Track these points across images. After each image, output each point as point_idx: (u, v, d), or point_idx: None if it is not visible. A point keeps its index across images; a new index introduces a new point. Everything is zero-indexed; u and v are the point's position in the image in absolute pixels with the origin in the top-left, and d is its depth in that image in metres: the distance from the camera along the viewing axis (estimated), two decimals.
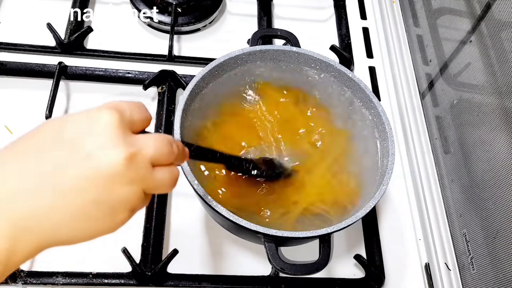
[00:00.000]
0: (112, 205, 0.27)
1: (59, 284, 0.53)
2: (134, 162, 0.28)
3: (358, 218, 0.48)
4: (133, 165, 0.28)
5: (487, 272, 0.55)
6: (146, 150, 0.29)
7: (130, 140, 0.28)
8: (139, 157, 0.28)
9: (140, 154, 0.28)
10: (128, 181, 0.28)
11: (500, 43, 0.55)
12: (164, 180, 0.31)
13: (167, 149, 0.31)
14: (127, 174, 0.27)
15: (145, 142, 0.29)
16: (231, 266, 0.58)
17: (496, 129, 0.55)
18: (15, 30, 0.72)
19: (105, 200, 0.27)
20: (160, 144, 0.30)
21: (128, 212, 0.29)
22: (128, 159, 0.27)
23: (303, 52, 0.59)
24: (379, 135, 0.56)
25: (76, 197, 0.26)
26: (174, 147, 0.32)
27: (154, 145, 0.30)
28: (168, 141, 0.31)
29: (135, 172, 0.28)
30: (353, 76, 0.58)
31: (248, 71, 0.59)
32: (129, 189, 0.28)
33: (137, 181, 0.28)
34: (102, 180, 0.27)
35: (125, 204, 0.28)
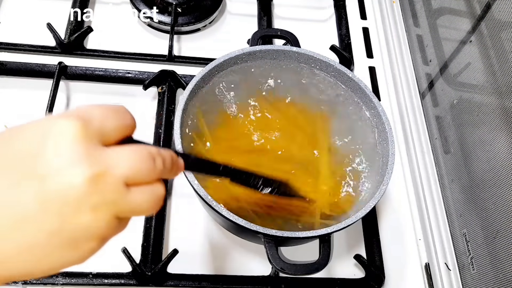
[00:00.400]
0: (72, 235, 0.23)
1: (59, 284, 0.53)
2: (99, 184, 0.23)
3: (358, 218, 0.48)
4: (98, 188, 0.23)
5: (487, 272, 0.55)
6: (117, 168, 0.24)
7: (97, 157, 0.23)
8: (106, 178, 0.23)
9: (108, 174, 0.23)
10: (93, 207, 0.23)
11: (500, 43, 0.55)
12: (142, 202, 0.25)
13: (147, 166, 0.25)
14: (90, 198, 0.23)
15: (117, 158, 0.24)
16: (231, 266, 0.58)
17: (496, 129, 0.55)
18: (15, 30, 0.72)
19: (63, 231, 0.23)
20: (137, 160, 0.25)
21: (96, 241, 0.24)
22: (90, 180, 0.22)
23: (303, 52, 0.59)
24: (379, 135, 0.56)
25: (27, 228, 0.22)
26: (158, 162, 0.26)
27: (129, 161, 0.24)
28: (150, 155, 0.26)
29: (101, 196, 0.23)
30: (353, 76, 0.58)
31: (248, 71, 0.59)
32: (94, 216, 0.23)
33: (104, 206, 0.23)
34: (58, 207, 0.22)
35: (90, 233, 0.23)
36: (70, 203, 0.22)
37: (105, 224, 0.24)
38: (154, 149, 0.27)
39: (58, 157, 0.22)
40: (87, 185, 0.22)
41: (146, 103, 0.69)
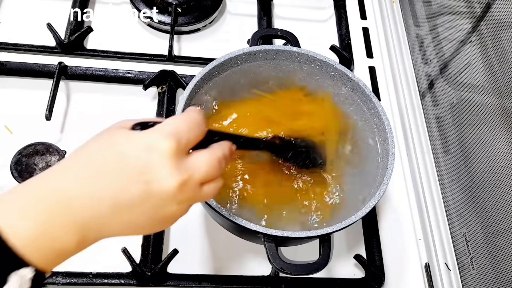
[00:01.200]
0: (161, 220, 0.33)
1: (59, 284, 0.53)
2: (185, 187, 0.32)
3: (358, 218, 0.48)
4: (184, 190, 0.32)
5: (487, 272, 0.55)
6: (197, 174, 0.33)
7: (184, 166, 0.32)
8: (189, 182, 0.32)
9: (191, 180, 0.32)
10: (178, 202, 0.32)
11: (500, 43, 0.55)
12: (209, 194, 0.35)
13: (217, 169, 0.34)
14: (178, 197, 0.32)
15: (197, 166, 0.33)
16: (231, 266, 0.58)
17: (496, 129, 0.55)
18: (15, 30, 0.72)
19: (156, 217, 0.32)
20: (211, 166, 0.34)
21: (174, 220, 0.34)
22: (179, 186, 0.31)
23: (303, 52, 0.59)
24: (379, 135, 0.56)
25: (131, 214, 0.31)
26: (223, 164, 0.35)
27: (206, 168, 0.33)
28: (219, 160, 0.35)
29: (185, 195, 0.32)
30: (353, 76, 0.58)
31: (248, 71, 0.59)
32: (179, 208, 0.32)
33: (186, 201, 0.33)
34: (156, 203, 0.31)
35: (173, 218, 0.33)
36: (164, 199, 0.31)
37: (184, 212, 0.34)
38: (221, 153, 0.35)
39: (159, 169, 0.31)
40: (177, 189, 0.31)
41: (146, 103, 0.69)
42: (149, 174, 0.31)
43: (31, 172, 0.56)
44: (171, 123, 0.33)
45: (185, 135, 0.32)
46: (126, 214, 0.31)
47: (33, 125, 0.63)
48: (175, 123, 0.33)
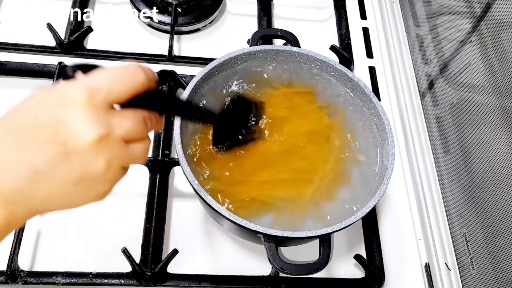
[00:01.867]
0: (90, 182, 0.30)
1: (59, 284, 0.53)
2: (106, 142, 0.29)
3: (358, 218, 0.48)
4: (106, 145, 0.29)
5: (487, 272, 0.55)
6: (119, 130, 0.30)
7: (103, 120, 0.29)
8: (111, 138, 0.30)
9: (112, 135, 0.30)
10: (103, 160, 0.29)
11: (500, 43, 0.55)
12: (138, 154, 0.33)
13: (141, 128, 0.32)
14: (101, 152, 0.29)
15: (119, 122, 0.30)
16: (231, 266, 0.58)
17: (496, 129, 0.55)
18: (15, 30, 0.72)
19: (82, 179, 0.29)
20: (134, 123, 0.32)
21: (109, 184, 0.31)
22: (99, 140, 0.28)
23: (303, 52, 0.59)
24: (379, 135, 0.56)
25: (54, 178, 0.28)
26: (149, 124, 0.33)
27: (128, 125, 0.31)
28: (143, 118, 0.33)
29: (109, 151, 0.30)
30: (353, 76, 0.58)
31: (248, 71, 0.59)
32: (105, 166, 0.30)
33: (111, 159, 0.30)
34: (77, 162, 0.28)
35: (103, 179, 0.30)
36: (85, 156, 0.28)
37: (114, 171, 0.31)
38: (146, 113, 0.33)
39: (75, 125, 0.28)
40: (96, 141, 0.28)
41: None
42: (63, 131, 0.28)
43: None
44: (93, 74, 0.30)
45: (106, 86, 0.30)
46: (47, 182, 0.28)
47: None
48: (96, 74, 0.30)
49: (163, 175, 0.61)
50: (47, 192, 0.29)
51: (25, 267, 0.54)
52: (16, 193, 0.28)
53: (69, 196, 0.30)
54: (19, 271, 0.53)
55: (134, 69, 0.32)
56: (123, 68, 0.31)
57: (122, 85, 0.30)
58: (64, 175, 0.29)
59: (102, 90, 0.29)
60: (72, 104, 0.28)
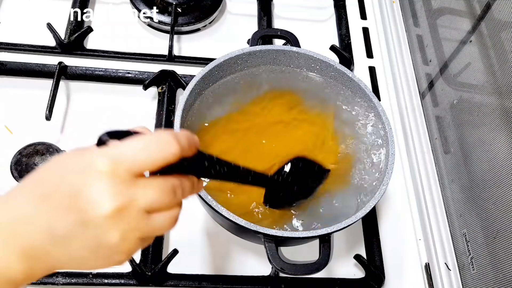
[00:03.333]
0: (107, 252, 0.29)
1: (59, 284, 0.53)
2: (124, 214, 0.28)
3: (358, 218, 0.48)
4: (123, 217, 0.28)
5: (487, 272, 0.55)
6: (141, 201, 0.29)
7: (125, 190, 0.28)
8: (130, 209, 0.29)
9: (132, 206, 0.29)
10: (120, 231, 0.29)
11: (500, 43, 0.55)
12: (162, 225, 0.31)
13: (168, 198, 0.31)
14: (117, 225, 0.28)
15: (142, 192, 0.29)
16: (231, 266, 0.58)
17: (496, 129, 0.55)
18: (15, 30, 0.72)
19: (99, 249, 0.29)
20: (160, 193, 0.30)
21: (124, 255, 0.30)
22: (116, 211, 0.28)
23: (303, 52, 0.59)
24: (379, 135, 0.56)
25: (71, 243, 0.28)
26: (178, 194, 0.32)
27: (152, 195, 0.30)
28: (172, 188, 0.31)
29: (126, 223, 0.29)
30: (353, 76, 0.58)
31: (248, 71, 0.59)
32: (122, 237, 0.29)
33: (127, 231, 0.29)
34: (92, 231, 0.28)
35: (119, 250, 0.29)
36: (100, 227, 0.28)
37: (131, 244, 0.30)
38: (177, 181, 0.32)
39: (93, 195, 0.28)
40: (114, 214, 0.28)
41: (146, 103, 0.69)
42: (82, 200, 0.28)
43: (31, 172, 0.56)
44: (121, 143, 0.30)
45: (132, 155, 0.29)
46: (65, 245, 0.29)
47: (33, 125, 0.63)
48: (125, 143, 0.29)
49: None
50: (64, 254, 0.29)
51: None
52: (37, 251, 0.29)
53: (85, 260, 0.30)
54: None
55: (166, 139, 0.30)
56: (155, 138, 0.30)
57: (150, 156, 0.29)
58: (80, 242, 0.29)
59: (127, 160, 0.29)
60: (94, 173, 0.28)
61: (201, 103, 0.57)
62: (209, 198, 0.47)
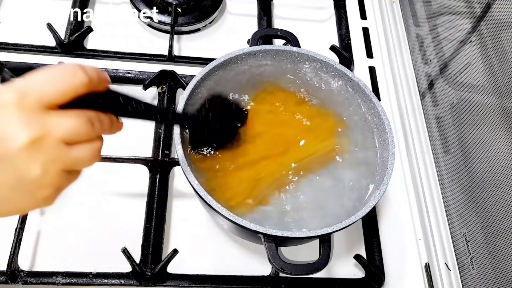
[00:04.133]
0: (27, 187, 0.28)
1: (59, 284, 0.53)
2: (41, 145, 0.28)
3: (358, 218, 0.48)
4: (41, 148, 0.28)
5: (487, 272, 0.55)
6: (57, 130, 0.28)
7: (38, 121, 0.28)
8: (47, 139, 0.28)
9: (48, 136, 0.28)
10: (39, 162, 0.28)
11: (500, 43, 0.55)
12: (84, 157, 0.31)
13: (86, 128, 0.30)
14: (35, 156, 0.27)
15: (57, 122, 0.29)
16: (231, 266, 0.58)
17: (496, 129, 0.55)
18: (15, 30, 0.72)
19: (17, 184, 0.28)
20: (77, 124, 0.30)
21: (49, 189, 0.29)
22: (31, 142, 0.27)
23: (303, 52, 0.59)
24: (379, 135, 0.56)
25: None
26: (97, 126, 0.31)
27: (68, 125, 0.29)
28: (88, 120, 0.30)
29: (44, 154, 0.28)
30: (353, 76, 0.58)
31: (248, 71, 0.59)
32: (40, 170, 0.28)
33: (47, 162, 0.28)
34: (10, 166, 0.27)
35: (43, 183, 0.29)
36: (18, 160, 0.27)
37: (55, 176, 0.29)
38: (93, 114, 0.31)
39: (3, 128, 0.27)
40: (29, 146, 0.27)
41: None
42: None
43: None
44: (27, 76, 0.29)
45: (39, 87, 0.28)
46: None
47: None
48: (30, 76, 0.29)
49: (163, 175, 0.61)
50: None
51: (25, 267, 0.54)
52: None
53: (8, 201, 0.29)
54: (19, 271, 0.53)
55: (72, 69, 0.30)
56: (60, 69, 0.30)
57: (57, 86, 0.29)
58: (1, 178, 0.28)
59: (34, 91, 0.28)
60: (1, 107, 0.27)
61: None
62: (209, 198, 0.47)
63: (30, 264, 0.55)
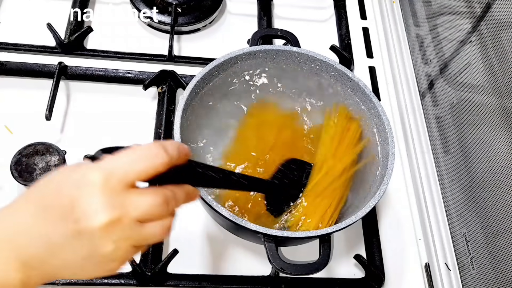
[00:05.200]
0: (101, 261, 0.31)
1: (59, 284, 0.53)
2: (117, 224, 0.30)
3: (358, 218, 0.48)
4: (117, 227, 0.30)
5: (487, 272, 0.55)
6: (133, 212, 0.30)
7: (118, 202, 0.30)
8: (123, 219, 0.30)
9: (125, 216, 0.30)
10: (113, 241, 0.30)
11: (500, 43, 0.55)
12: (154, 234, 0.32)
13: (160, 209, 0.32)
14: (110, 235, 0.30)
15: (135, 203, 0.31)
16: (231, 266, 0.58)
17: (496, 129, 0.55)
18: (15, 30, 0.72)
19: (93, 258, 0.31)
20: (152, 204, 0.31)
21: (117, 262, 0.32)
22: (110, 223, 0.29)
23: (303, 52, 0.59)
24: (379, 135, 0.56)
25: (67, 251, 0.30)
26: (171, 205, 0.33)
27: (144, 206, 0.31)
28: (164, 199, 0.32)
29: (119, 233, 0.30)
30: (353, 76, 0.58)
31: (248, 71, 0.59)
32: (114, 247, 0.30)
33: (120, 241, 0.30)
34: (86, 241, 0.30)
35: (112, 258, 0.31)
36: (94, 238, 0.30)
37: (124, 252, 0.31)
38: (169, 193, 0.33)
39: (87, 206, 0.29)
40: (107, 225, 0.29)
41: (146, 103, 0.69)
42: (78, 211, 0.29)
43: (31, 172, 0.56)
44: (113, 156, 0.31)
45: (123, 167, 0.31)
46: (61, 254, 0.30)
47: (33, 125, 0.63)
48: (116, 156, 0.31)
49: None
50: (59, 263, 0.31)
51: None
52: (34, 259, 0.30)
53: (81, 268, 0.31)
54: None
55: (155, 150, 0.32)
56: (144, 149, 0.32)
57: (140, 167, 0.31)
58: (75, 251, 0.30)
59: (119, 172, 0.30)
60: (88, 186, 0.30)
61: (200, 102, 0.57)
62: (209, 198, 0.47)
63: None
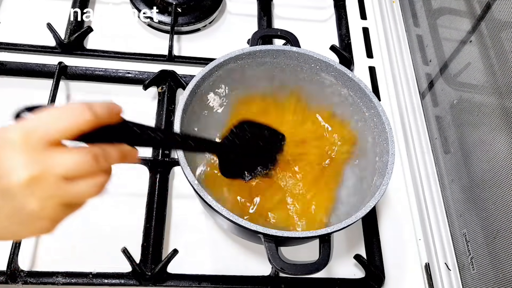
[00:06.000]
0: (25, 218, 0.31)
1: (59, 284, 0.53)
2: (40, 181, 0.30)
3: (358, 218, 0.48)
4: (39, 184, 0.30)
5: (487, 272, 0.55)
6: (57, 168, 0.30)
7: (38, 159, 0.30)
8: (47, 177, 0.30)
9: (48, 174, 0.30)
10: (37, 198, 0.30)
11: (500, 43, 0.55)
12: (84, 192, 0.32)
13: (87, 166, 0.31)
14: (34, 192, 0.30)
15: (58, 159, 0.30)
16: (231, 266, 0.58)
17: (496, 129, 0.55)
18: (15, 30, 0.72)
19: (17, 215, 0.30)
20: (78, 161, 0.31)
21: (47, 221, 0.32)
22: (31, 179, 0.29)
23: (303, 52, 0.59)
24: (379, 135, 0.56)
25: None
26: (102, 161, 0.32)
27: (69, 163, 0.31)
28: (92, 155, 0.32)
29: (43, 190, 0.30)
30: (353, 76, 0.58)
31: (248, 71, 0.59)
32: (40, 204, 0.30)
33: (45, 198, 0.30)
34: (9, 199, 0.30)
35: (40, 216, 0.31)
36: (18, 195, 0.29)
37: (51, 210, 0.31)
38: (99, 150, 0.32)
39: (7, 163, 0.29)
40: (28, 182, 0.29)
41: (146, 103, 0.69)
42: None
43: None
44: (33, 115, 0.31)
45: (44, 125, 0.30)
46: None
47: None
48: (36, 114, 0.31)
49: (163, 175, 0.61)
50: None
51: (25, 267, 0.54)
52: None
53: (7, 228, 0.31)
54: (19, 271, 0.53)
55: (78, 108, 0.31)
56: (67, 107, 0.31)
57: (61, 124, 0.30)
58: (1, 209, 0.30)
59: (39, 130, 0.30)
60: (7, 145, 0.30)
61: (200, 102, 0.57)
62: (209, 198, 0.47)
63: (30, 264, 0.55)
